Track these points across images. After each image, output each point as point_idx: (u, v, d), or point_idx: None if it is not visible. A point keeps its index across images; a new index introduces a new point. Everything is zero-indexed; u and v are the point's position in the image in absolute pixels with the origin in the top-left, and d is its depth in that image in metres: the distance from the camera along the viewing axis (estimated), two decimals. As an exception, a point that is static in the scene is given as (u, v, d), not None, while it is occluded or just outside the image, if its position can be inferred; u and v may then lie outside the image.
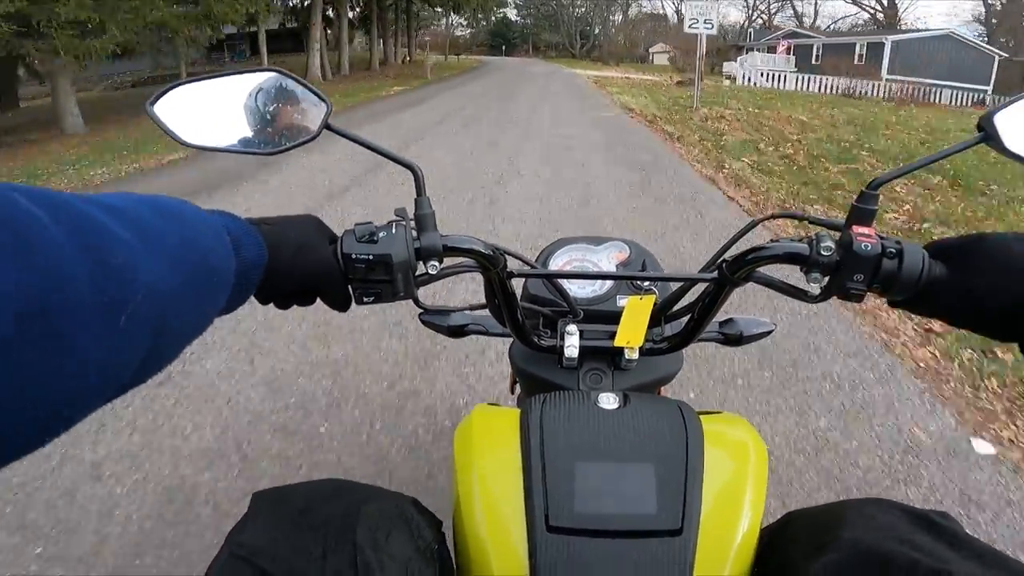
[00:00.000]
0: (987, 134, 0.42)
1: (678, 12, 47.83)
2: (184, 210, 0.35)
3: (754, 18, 40.83)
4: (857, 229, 0.43)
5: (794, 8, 40.05)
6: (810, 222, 0.50)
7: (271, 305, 0.44)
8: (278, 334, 1.68)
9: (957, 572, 0.34)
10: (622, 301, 0.66)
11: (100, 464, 1.17)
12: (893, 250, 0.42)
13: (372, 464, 1.14)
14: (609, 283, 0.69)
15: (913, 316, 1.81)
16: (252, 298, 0.42)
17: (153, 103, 0.44)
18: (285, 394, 1.43)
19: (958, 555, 0.37)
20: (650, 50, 46.01)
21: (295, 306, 0.46)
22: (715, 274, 0.52)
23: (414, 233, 0.47)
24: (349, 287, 0.46)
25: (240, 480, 1.11)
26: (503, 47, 49.98)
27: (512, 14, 58.60)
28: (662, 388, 0.73)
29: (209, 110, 0.46)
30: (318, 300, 0.46)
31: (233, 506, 1.06)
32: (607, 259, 0.70)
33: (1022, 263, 0.37)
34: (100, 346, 0.24)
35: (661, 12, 53.89)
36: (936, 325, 1.89)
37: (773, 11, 39.68)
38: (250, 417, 1.33)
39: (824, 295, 0.46)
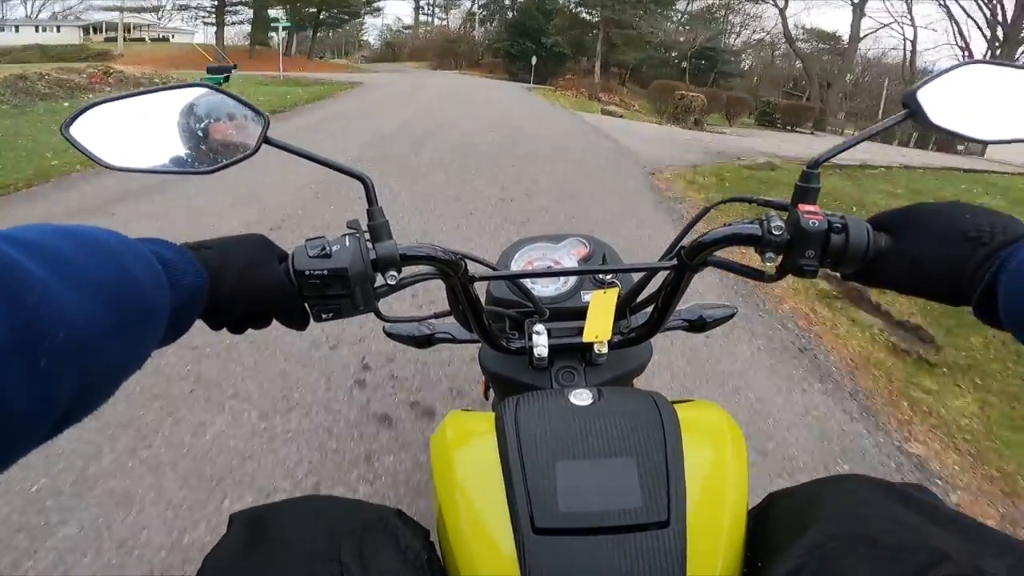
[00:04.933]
0: (912, 110, 0.57)
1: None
2: (108, 240, 0.40)
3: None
4: (803, 207, 0.57)
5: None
6: (759, 204, 0.66)
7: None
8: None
9: (940, 546, 0.45)
10: (586, 296, 0.81)
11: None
12: (839, 225, 0.55)
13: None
14: (572, 280, 0.86)
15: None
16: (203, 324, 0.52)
17: (69, 125, 0.52)
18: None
19: (939, 528, 0.47)
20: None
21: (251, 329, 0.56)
22: (674, 261, 0.67)
23: (369, 244, 0.57)
24: (305, 305, 0.56)
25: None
26: (532, 59, 33.50)
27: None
28: (634, 380, 0.90)
29: (135, 130, 0.55)
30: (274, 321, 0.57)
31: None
32: (568, 256, 0.88)
33: (958, 229, 0.51)
34: (20, 389, 0.29)
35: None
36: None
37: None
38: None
39: (779, 274, 0.60)
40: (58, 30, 45.36)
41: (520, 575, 0.51)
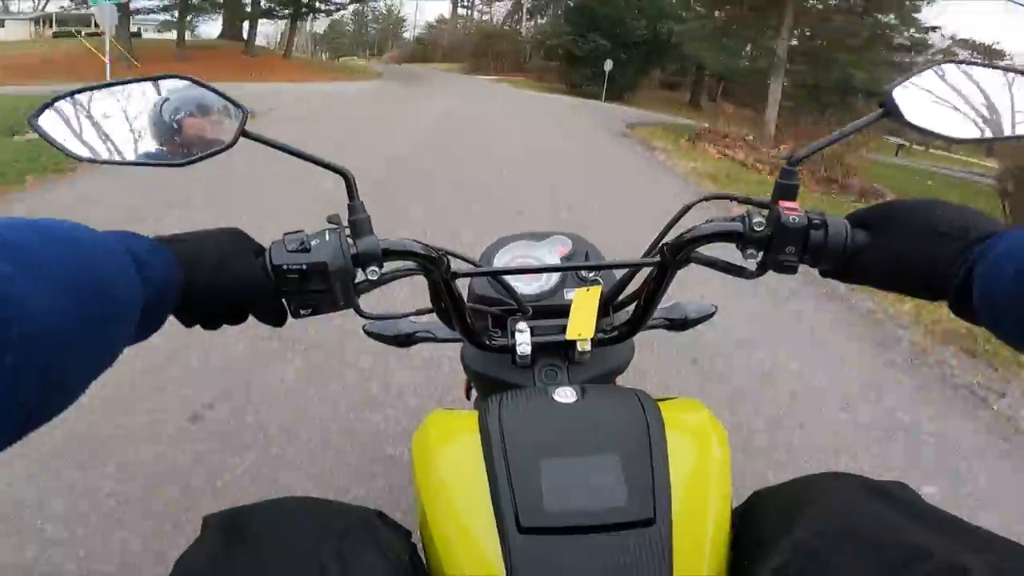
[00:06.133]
0: (888, 109, 0.68)
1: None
2: (75, 233, 0.45)
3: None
4: (784, 204, 0.67)
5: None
6: (740, 201, 0.76)
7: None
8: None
9: (921, 542, 0.53)
10: (570, 294, 0.94)
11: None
12: (818, 221, 0.65)
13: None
14: (555, 277, 0.98)
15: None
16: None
17: (37, 115, 0.59)
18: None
19: (919, 525, 0.56)
20: None
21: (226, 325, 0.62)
22: (657, 258, 0.77)
23: (350, 239, 0.64)
24: (283, 300, 0.63)
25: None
26: (606, 63, 27.76)
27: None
28: (617, 378, 1.02)
29: (107, 121, 0.62)
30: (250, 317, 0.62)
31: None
32: (550, 253, 1.02)
33: (933, 225, 0.61)
34: None
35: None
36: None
37: None
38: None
39: (761, 270, 0.69)
40: (2, 24, 44.41)
41: (505, 575, 0.58)
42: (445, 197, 6.41)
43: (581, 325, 0.87)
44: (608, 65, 27.28)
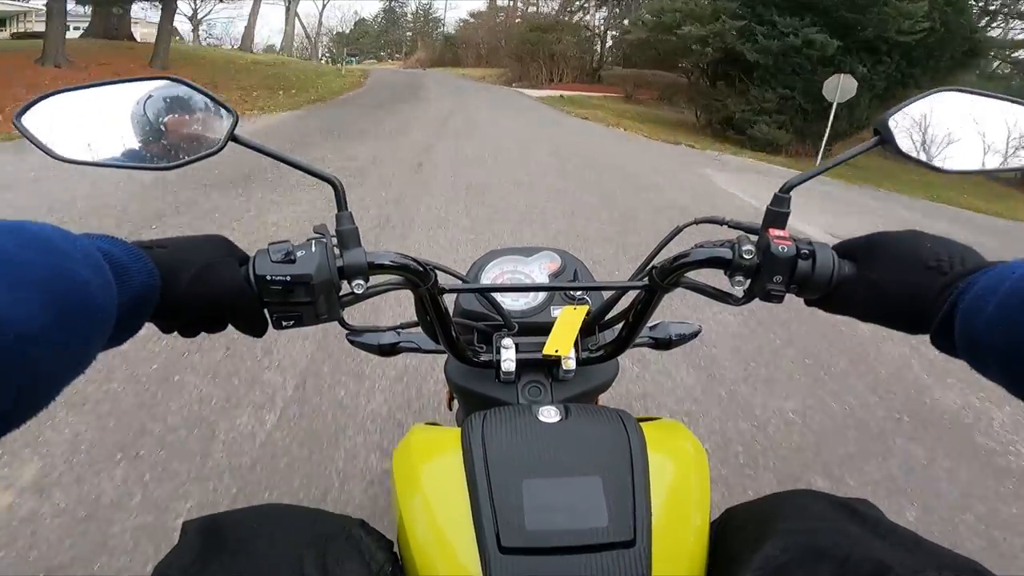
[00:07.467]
0: (882, 137, 0.79)
1: None
2: (52, 236, 0.50)
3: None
4: (773, 232, 0.77)
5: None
6: (730, 226, 0.87)
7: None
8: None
9: (884, 558, 0.61)
10: (556, 311, 1.07)
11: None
12: (806, 251, 0.74)
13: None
14: (543, 294, 1.11)
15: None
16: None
17: (21, 114, 0.66)
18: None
19: (884, 542, 0.66)
20: None
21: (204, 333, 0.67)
22: (646, 281, 0.88)
23: (336, 251, 0.72)
24: (265, 311, 0.70)
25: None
26: (849, 78, 15.96)
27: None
28: (599, 397, 1.14)
29: (93, 122, 0.70)
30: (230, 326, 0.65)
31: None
32: (539, 270, 1.17)
33: (918, 258, 0.71)
34: None
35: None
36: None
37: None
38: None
39: (747, 297, 0.79)
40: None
41: None
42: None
43: (559, 341, 1.00)
44: (846, 89, 16.57)
